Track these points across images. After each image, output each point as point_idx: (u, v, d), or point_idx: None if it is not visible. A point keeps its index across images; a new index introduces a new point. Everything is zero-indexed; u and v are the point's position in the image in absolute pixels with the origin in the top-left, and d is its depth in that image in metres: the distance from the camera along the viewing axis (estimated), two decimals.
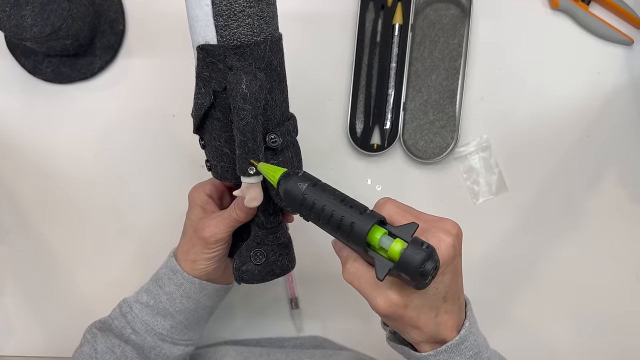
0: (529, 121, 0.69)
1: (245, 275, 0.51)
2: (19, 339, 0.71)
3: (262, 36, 0.43)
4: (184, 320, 0.54)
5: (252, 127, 0.42)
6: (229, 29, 0.42)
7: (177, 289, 0.53)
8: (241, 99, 0.41)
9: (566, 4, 0.67)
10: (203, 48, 0.43)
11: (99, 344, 0.53)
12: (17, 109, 0.70)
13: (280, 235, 0.52)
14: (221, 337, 0.70)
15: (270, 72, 0.45)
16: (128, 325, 0.53)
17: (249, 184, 0.45)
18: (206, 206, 0.53)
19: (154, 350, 0.53)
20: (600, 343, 0.70)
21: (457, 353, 0.42)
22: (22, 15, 0.59)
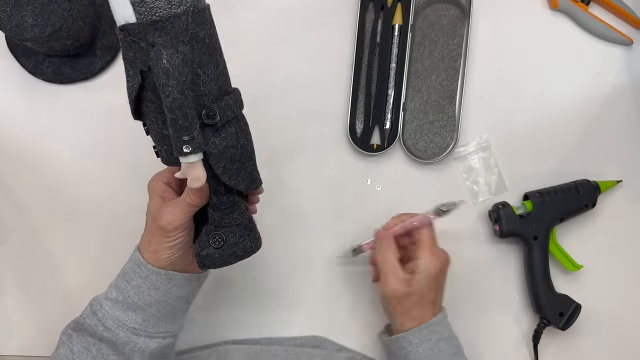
0: (528, 121, 0.69)
1: (206, 260, 0.50)
2: (19, 339, 0.71)
3: (181, 8, 0.41)
4: (155, 312, 0.53)
5: (180, 102, 0.40)
6: (145, 4, 0.40)
7: (144, 282, 0.52)
8: (164, 75, 0.40)
9: (566, 4, 0.68)
10: (124, 28, 0.41)
11: (75, 345, 0.52)
12: (18, 109, 0.70)
13: (238, 215, 0.50)
14: (221, 337, 0.70)
15: (197, 45, 0.42)
16: (99, 322, 0.52)
17: (188, 164, 0.43)
18: (164, 194, 0.52)
19: (127, 345, 0.52)
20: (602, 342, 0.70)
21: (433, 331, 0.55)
22: (22, 16, 0.60)
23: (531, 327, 0.69)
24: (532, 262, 0.66)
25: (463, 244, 0.69)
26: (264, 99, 0.70)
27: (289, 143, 0.70)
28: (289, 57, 0.70)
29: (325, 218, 0.70)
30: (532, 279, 0.66)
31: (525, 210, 0.66)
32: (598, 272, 0.69)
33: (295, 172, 0.70)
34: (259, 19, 0.70)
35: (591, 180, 0.67)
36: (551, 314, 0.66)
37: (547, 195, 0.66)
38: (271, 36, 0.70)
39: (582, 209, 0.66)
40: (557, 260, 0.67)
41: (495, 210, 0.67)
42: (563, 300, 0.66)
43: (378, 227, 0.61)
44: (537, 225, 0.66)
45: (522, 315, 0.69)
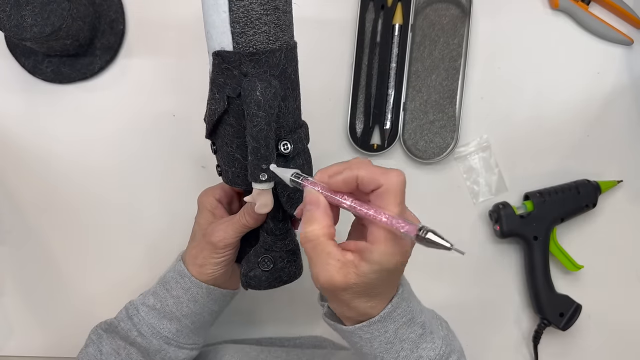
0: (528, 121, 0.69)
1: (253, 281, 0.51)
2: (19, 339, 0.71)
3: (277, 44, 0.43)
4: (190, 324, 0.54)
5: (265, 133, 0.43)
6: (245, 36, 0.42)
7: (185, 293, 0.53)
8: (255, 106, 0.42)
9: (566, 4, 0.68)
10: (219, 54, 0.43)
11: (104, 345, 0.53)
12: (17, 109, 0.70)
13: (289, 242, 0.52)
14: (221, 337, 0.70)
15: (284, 80, 0.45)
16: (134, 327, 0.53)
17: (260, 190, 0.45)
18: (215, 211, 0.53)
19: (159, 353, 0.53)
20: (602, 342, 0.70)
21: (389, 321, 0.43)
22: (22, 15, 0.59)
23: (531, 327, 0.69)
24: (532, 262, 0.66)
25: (463, 244, 0.69)
26: None
27: None
28: None
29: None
30: (532, 279, 0.66)
31: (525, 210, 0.66)
32: (598, 272, 0.69)
33: None
34: None
35: (592, 180, 0.67)
36: (551, 314, 0.66)
37: (548, 195, 0.66)
38: None
39: (582, 209, 0.66)
40: (558, 261, 0.67)
41: (496, 210, 0.66)
42: (563, 301, 0.66)
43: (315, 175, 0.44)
44: (537, 225, 0.66)
45: (522, 316, 0.69)
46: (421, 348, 0.45)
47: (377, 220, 0.39)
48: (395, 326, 0.44)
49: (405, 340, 0.44)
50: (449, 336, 0.48)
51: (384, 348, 0.44)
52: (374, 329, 0.43)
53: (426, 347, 0.45)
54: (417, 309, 0.46)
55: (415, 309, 0.46)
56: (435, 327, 0.48)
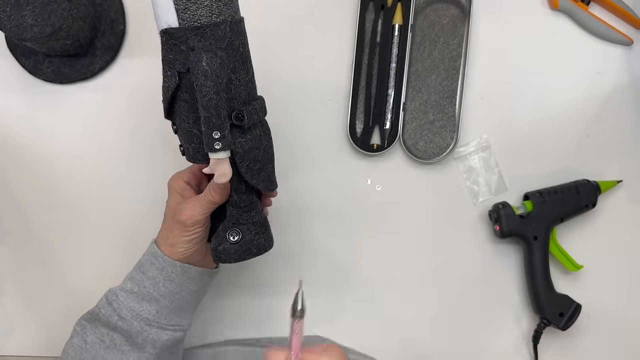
0: (528, 121, 0.69)
1: (222, 254, 0.52)
2: (18, 338, 0.71)
3: (221, 17, 0.45)
4: (169, 304, 0.55)
5: (215, 102, 0.44)
6: (189, 11, 0.44)
7: (160, 273, 0.54)
8: (202, 76, 0.43)
9: (566, 4, 0.68)
10: (166, 32, 0.45)
11: (88, 335, 0.54)
12: (18, 109, 0.70)
13: (255, 214, 0.53)
14: (221, 337, 0.70)
15: (232, 52, 0.46)
16: (114, 312, 0.54)
17: (217, 160, 0.46)
18: (184, 192, 0.55)
19: (141, 335, 0.53)
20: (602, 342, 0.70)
21: None
22: (22, 16, 0.59)
23: (531, 327, 0.69)
24: (532, 262, 0.66)
25: (463, 244, 0.69)
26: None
27: (289, 143, 0.70)
28: (289, 57, 0.70)
29: (325, 218, 0.70)
30: (532, 279, 0.66)
31: (525, 210, 0.66)
32: (598, 272, 0.69)
33: (295, 172, 0.70)
34: (258, 18, 0.70)
35: (591, 180, 0.67)
36: (551, 314, 0.66)
37: (548, 195, 0.66)
38: (271, 36, 0.70)
39: (582, 209, 0.66)
40: (557, 261, 0.67)
41: (496, 210, 0.67)
42: (563, 301, 0.66)
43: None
44: (537, 225, 0.66)
45: (522, 315, 0.69)
46: None
47: None
48: None
49: None
50: None
51: None
52: None
53: None
54: None
55: None
56: None
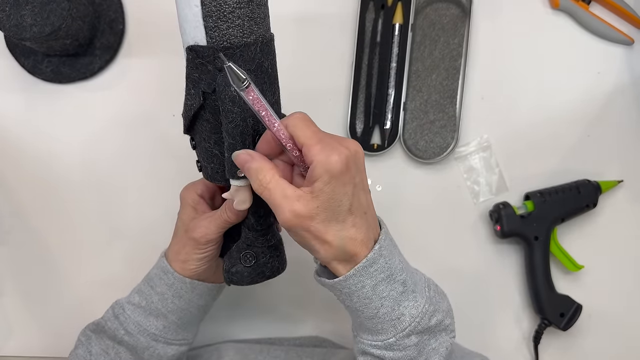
0: (529, 121, 0.69)
1: (235, 277, 0.51)
2: (18, 339, 0.71)
3: (252, 37, 0.43)
4: (176, 320, 0.54)
5: (241, 130, 0.42)
6: (219, 30, 0.41)
7: (169, 289, 0.53)
8: (230, 102, 0.41)
9: (566, 3, 0.67)
10: (192, 49, 0.42)
11: (93, 346, 0.54)
12: (17, 108, 0.70)
13: (271, 237, 0.51)
14: (221, 337, 0.70)
15: (260, 74, 0.44)
16: (121, 326, 0.53)
17: (237, 187, 0.45)
18: (197, 206, 0.53)
19: (147, 350, 0.53)
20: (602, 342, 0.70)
21: (366, 276, 0.43)
22: (21, 15, 0.59)
23: (532, 327, 0.69)
24: (533, 263, 0.66)
25: (464, 244, 0.69)
26: None
27: None
28: (289, 57, 0.70)
29: None
30: (533, 279, 0.66)
31: (526, 210, 0.66)
32: (599, 272, 0.69)
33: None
34: None
35: (592, 180, 0.67)
36: (552, 314, 0.66)
37: (548, 195, 0.66)
38: None
39: (583, 209, 0.66)
40: (558, 261, 0.67)
41: (496, 210, 0.66)
42: (564, 301, 0.66)
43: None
44: (538, 225, 0.65)
45: (522, 316, 0.69)
46: (403, 306, 0.45)
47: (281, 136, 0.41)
48: (372, 282, 0.43)
49: (385, 298, 0.44)
50: (434, 297, 0.48)
51: (362, 303, 0.44)
52: (351, 283, 0.43)
53: (408, 305, 0.45)
54: (398, 267, 0.45)
55: (396, 267, 0.45)
56: (420, 287, 0.47)
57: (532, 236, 0.65)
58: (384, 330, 0.45)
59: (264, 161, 0.42)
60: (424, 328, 0.45)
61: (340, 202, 0.41)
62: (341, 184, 0.40)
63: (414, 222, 0.70)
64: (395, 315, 0.44)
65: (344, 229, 0.42)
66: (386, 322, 0.44)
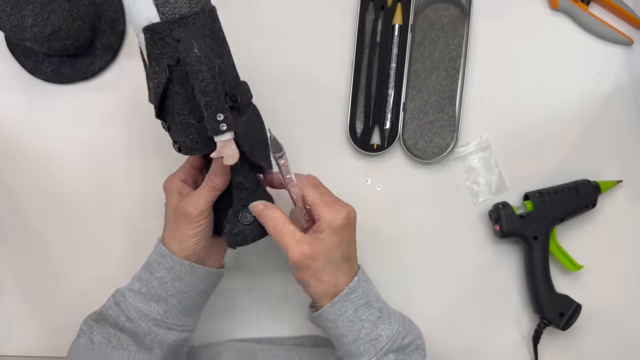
0: (528, 121, 0.69)
1: (239, 237, 0.53)
2: (19, 338, 0.71)
3: (199, 6, 0.47)
4: (177, 304, 0.54)
5: (214, 86, 0.45)
6: (168, 5, 0.45)
7: (168, 273, 0.54)
8: (197, 62, 0.44)
9: (566, 4, 0.68)
10: (149, 28, 0.46)
11: (95, 335, 0.54)
12: (17, 109, 0.70)
13: (262, 192, 0.54)
14: (222, 337, 0.70)
15: (215, 38, 0.48)
16: (122, 313, 0.53)
17: (223, 142, 0.47)
18: (182, 191, 0.55)
19: (149, 335, 0.53)
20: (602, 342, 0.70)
21: (348, 302, 0.52)
22: (22, 16, 0.59)
23: (531, 327, 0.69)
24: (532, 262, 0.66)
25: (463, 244, 0.69)
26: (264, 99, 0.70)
27: (289, 143, 0.70)
28: (289, 57, 0.70)
29: None
30: (532, 279, 0.66)
31: (525, 210, 0.66)
32: (598, 272, 0.69)
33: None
34: (258, 18, 0.70)
35: (591, 180, 0.67)
36: (551, 314, 0.66)
37: (548, 195, 0.66)
38: (271, 36, 0.70)
39: (582, 209, 0.66)
40: (558, 261, 0.67)
41: (496, 210, 0.67)
42: (563, 300, 0.66)
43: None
44: (537, 225, 0.66)
45: (522, 315, 0.69)
46: (380, 328, 0.53)
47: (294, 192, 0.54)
48: (354, 307, 0.52)
49: (365, 320, 0.53)
50: (406, 323, 0.56)
51: (347, 326, 0.52)
52: (336, 308, 0.52)
53: (384, 328, 0.53)
54: (374, 297, 0.55)
55: (372, 296, 0.55)
56: (394, 315, 0.55)
57: (531, 236, 0.66)
58: (365, 351, 0.52)
59: (277, 210, 0.53)
60: (399, 346, 0.53)
61: (336, 251, 0.52)
62: (339, 238, 0.52)
63: (413, 222, 0.70)
64: (374, 335, 0.52)
65: (337, 270, 0.52)
66: (367, 343, 0.52)
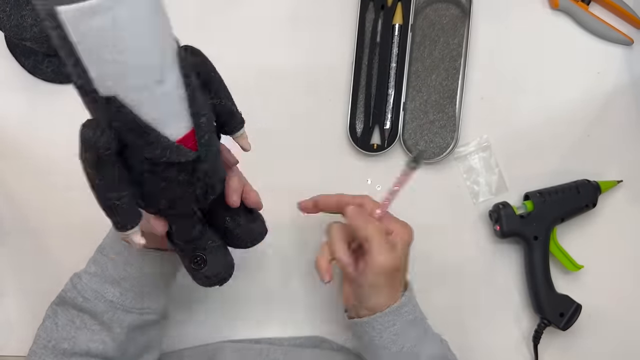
0: (528, 121, 0.69)
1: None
2: (19, 339, 0.71)
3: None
4: (130, 287, 0.54)
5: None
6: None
7: (119, 257, 0.54)
8: None
9: (566, 4, 0.68)
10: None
11: (59, 318, 0.54)
12: (17, 108, 0.70)
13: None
14: (220, 337, 0.70)
15: None
16: (79, 294, 0.54)
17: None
18: None
19: (106, 314, 0.53)
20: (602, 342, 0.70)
21: (398, 315, 0.54)
22: (22, 15, 0.59)
23: (531, 327, 0.69)
24: (532, 262, 0.66)
25: (463, 244, 0.69)
26: (264, 99, 0.70)
27: (289, 143, 0.70)
28: (289, 57, 0.70)
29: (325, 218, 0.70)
30: (532, 279, 0.66)
31: (525, 210, 0.66)
32: (599, 272, 0.69)
33: (295, 172, 0.69)
34: (258, 18, 0.70)
35: (592, 180, 0.67)
36: (551, 314, 0.66)
37: (548, 195, 0.66)
38: (271, 36, 0.70)
39: (582, 208, 0.66)
40: (558, 260, 0.67)
41: (496, 210, 0.66)
42: (563, 301, 0.66)
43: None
44: (537, 225, 0.65)
45: (522, 315, 0.69)
46: (421, 347, 0.54)
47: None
48: (401, 321, 0.54)
49: (409, 337, 0.54)
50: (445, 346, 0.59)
51: (391, 339, 0.53)
52: (386, 320, 0.53)
53: (425, 348, 0.55)
54: (420, 315, 0.57)
55: (419, 314, 0.56)
56: (436, 337, 0.58)
57: (531, 236, 0.66)
58: None
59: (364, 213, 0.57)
60: None
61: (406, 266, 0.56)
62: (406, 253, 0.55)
63: (413, 222, 0.69)
64: (414, 352, 0.54)
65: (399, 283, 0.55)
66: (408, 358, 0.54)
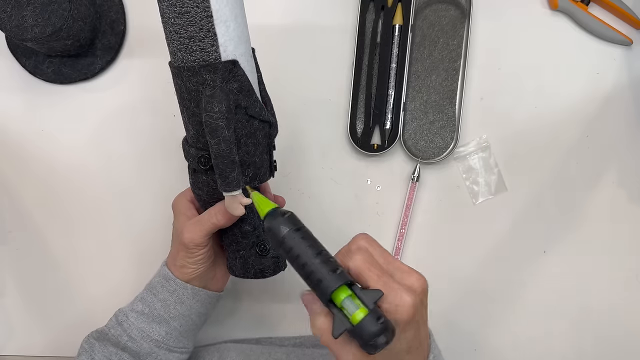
0: (528, 121, 0.69)
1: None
2: (19, 339, 0.71)
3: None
4: (178, 326, 0.55)
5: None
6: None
7: (171, 295, 0.54)
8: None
9: (565, 4, 0.68)
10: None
11: (96, 353, 0.54)
12: (18, 109, 0.70)
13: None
14: (221, 338, 0.70)
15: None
16: (124, 333, 0.54)
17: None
18: (188, 212, 0.54)
19: (150, 356, 0.54)
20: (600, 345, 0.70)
21: None
22: (23, 16, 0.60)
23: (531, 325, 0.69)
24: None
25: (463, 243, 0.69)
26: None
27: (289, 143, 0.70)
28: (289, 57, 0.70)
29: (325, 218, 0.70)
30: None
31: None
32: (598, 272, 0.69)
33: (295, 172, 0.70)
34: (258, 19, 0.70)
35: None
36: None
37: None
38: (271, 36, 0.70)
39: None
40: None
41: None
42: None
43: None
44: None
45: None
46: None
47: None
48: None
49: None
50: None
51: None
52: None
53: None
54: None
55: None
56: None
57: None
58: None
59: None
60: None
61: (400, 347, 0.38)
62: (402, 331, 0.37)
63: (413, 222, 0.70)
64: None
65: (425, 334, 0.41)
66: None
